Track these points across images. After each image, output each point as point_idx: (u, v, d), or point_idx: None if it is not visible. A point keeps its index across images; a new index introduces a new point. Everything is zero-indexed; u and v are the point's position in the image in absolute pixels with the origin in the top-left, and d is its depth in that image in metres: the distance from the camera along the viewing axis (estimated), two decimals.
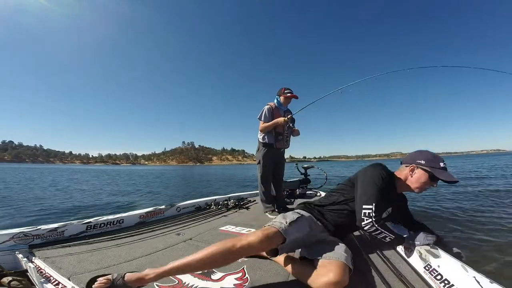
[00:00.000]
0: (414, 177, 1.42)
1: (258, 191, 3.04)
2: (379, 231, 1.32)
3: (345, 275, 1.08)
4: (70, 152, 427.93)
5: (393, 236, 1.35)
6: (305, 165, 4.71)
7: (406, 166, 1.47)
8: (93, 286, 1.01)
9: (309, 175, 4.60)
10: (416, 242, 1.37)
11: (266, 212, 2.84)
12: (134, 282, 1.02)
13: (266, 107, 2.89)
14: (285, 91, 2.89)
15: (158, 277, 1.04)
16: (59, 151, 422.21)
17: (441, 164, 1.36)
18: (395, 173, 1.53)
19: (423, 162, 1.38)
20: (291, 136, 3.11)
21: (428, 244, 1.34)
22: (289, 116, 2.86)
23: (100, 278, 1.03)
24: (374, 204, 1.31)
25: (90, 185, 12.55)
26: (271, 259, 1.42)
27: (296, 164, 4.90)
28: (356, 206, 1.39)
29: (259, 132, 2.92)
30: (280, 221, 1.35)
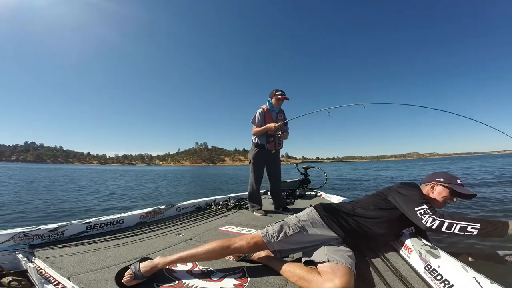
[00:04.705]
0: (435, 193, 1.51)
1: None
2: (448, 222, 1.22)
3: (350, 281, 1.05)
4: (88, 153, 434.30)
5: (476, 224, 1.16)
6: (305, 165, 4.71)
7: (426, 185, 1.57)
8: (123, 280, 1.14)
9: (309, 176, 4.60)
10: None
11: (253, 211, 2.90)
12: (148, 272, 1.20)
13: (259, 110, 2.94)
14: (277, 93, 2.94)
15: (166, 265, 1.27)
16: (77, 152, 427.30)
17: (458, 181, 1.48)
18: None
19: (442, 179, 1.51)
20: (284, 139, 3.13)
21: None
22: (279, 124, 2.86)
23: (126, 273, 1.16)
24: (424, 204, 1.35)
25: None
26: (269, 266, 1.37)
27: (296, 164, 4.90)
28: (409, 215, 1.38)
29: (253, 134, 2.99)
30: (273, 231, 1.36)
